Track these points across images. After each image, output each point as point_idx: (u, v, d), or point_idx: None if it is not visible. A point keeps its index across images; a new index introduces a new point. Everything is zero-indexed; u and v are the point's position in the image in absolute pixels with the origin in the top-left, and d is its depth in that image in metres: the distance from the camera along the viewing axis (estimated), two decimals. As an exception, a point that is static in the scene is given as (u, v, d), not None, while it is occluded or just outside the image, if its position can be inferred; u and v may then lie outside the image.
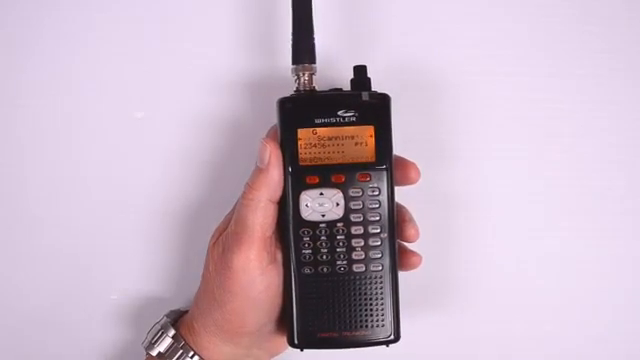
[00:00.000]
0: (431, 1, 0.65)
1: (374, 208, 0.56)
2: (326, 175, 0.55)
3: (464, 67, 0.64)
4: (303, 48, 0.57)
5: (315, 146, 0.55)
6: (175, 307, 0.64)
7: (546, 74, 0.65)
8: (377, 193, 0.55)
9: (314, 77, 0.58)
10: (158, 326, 0.60)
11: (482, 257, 0.65)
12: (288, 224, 0.56)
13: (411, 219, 0.58)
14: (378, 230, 0.56)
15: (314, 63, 0.57)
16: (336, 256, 0.56)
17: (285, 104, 0.56)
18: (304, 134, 0.55)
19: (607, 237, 0.66)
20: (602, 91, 0.65)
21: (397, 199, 0.57)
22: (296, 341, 0.56)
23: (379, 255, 0.56)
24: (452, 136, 0.65)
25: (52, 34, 0.65)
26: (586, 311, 0.66)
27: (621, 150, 0.66)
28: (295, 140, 0.55)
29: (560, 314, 0.66)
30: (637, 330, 0.66)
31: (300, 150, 0.55)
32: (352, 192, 0.55)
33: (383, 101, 0.56)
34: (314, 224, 0.56)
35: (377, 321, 0.56)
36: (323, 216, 0.56)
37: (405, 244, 0.59)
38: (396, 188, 0.57)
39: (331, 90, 0.57)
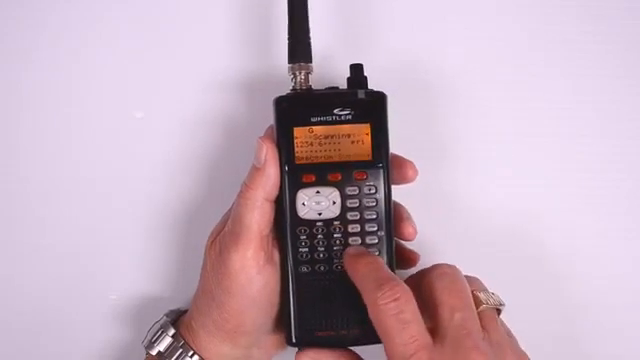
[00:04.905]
0: (428, 0, 0.65)
1: (371, 206, 0.56)
2: (322, 173, 0.55)
3: (462, 66, 0.65)
4: (299, 47, 0.57)
5: (311, 144, 0.55)
6: (175, 306, 0.64)
7: (545, 74, 0.65)
8: (374, 191, 0.55)
9: (310, 76, 0.58)
10: (158, 325, 0.60)
11: (481, 256, 0.64)
12: (285, 223, 0.56)
13: (409, 217, 0.58)
14: (375, 228, 0.56)
15: (310, 62, 0.58)
16: (333, 254, 0.56)
17: (281, 103, 0.56)
18: (300, 133, 0.55)
19: (608, 237, 0.66)
20: (602, 91, 0.65)
21: (395, 198, 0.57)
22: (294, 340, 0.56)
23: (376, 253, 0.56)
24: (450, 135, 0.65)
25: (52, 34, 0.65)
26: (588, 310, 0.66)
27: (622, 150, 0.66)
28: (291, 139, 0.55)
29: (561, 313, 0.65)
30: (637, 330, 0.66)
31: (296, 149, 0.55)
32: (349, 190, 0.55)
33: (379, 99, 0.56)
34: (311, 222, 0.56)
35: None
36: (320, 214, 0.55)
37: (403, 242, 0.59)
38: (394, 187, 0.57)
39: (327, 89, 0.57)
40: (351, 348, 0.56)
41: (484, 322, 0.53)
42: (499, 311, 0.56)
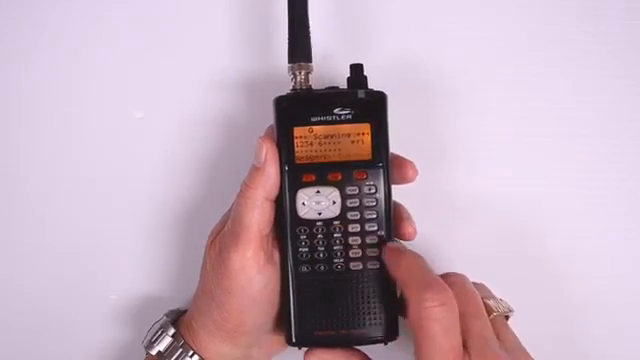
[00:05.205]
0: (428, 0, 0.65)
1: (371, 206, 0.55)
2: (322, 173, 0.55)
3: (462, 66, 0.65)
4: (299, 47, 0.57)
5: (311, 144, 0.55)
6: (175, 306, 0.64)
7: (545, 74, 0.65)
8: (374, 191, 0.55)
9: (310, 76, 0.58)
10: (158, 325, 0.60)
11: (481, 256, 0.64)
12: (285, 222, 0.56)
13: (409, 217, 0.58)
14: (375, 228, 0.56)
15: (310, 62, 0.58)
16: (333, 254, 0.56)
17: (281, 102, 0.56)
18: (300, 132, 0.55)
19: (608, 237, 0.65)
20: (602, 91, 0.65)
21: (395, 197, 0.57)
22: (294, 340, 0.56)
23: (376, 253, 0.56)
24: (450, 135, 0.65)
25: (52, 34, 0.65)
26: (588, 310, 0.65)
27: (622, 150, 0.65)
28: (291, 138, 0.55)
29: (561, 314, 0.65)
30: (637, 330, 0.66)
31: (296, 148, 0.55)
32: (349, 190, 0.55)
33: (379, 99, 0.56)
34: (311, 222, 0.56)
35: (374, 319, 0.55)
36: (320, 214, 0.55)
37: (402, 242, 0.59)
38: (394, 186, 0.56)
39: (327, 88, 0.57)
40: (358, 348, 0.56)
41: (496, 330, 0.53)
42: (507, 317, 0.56)
